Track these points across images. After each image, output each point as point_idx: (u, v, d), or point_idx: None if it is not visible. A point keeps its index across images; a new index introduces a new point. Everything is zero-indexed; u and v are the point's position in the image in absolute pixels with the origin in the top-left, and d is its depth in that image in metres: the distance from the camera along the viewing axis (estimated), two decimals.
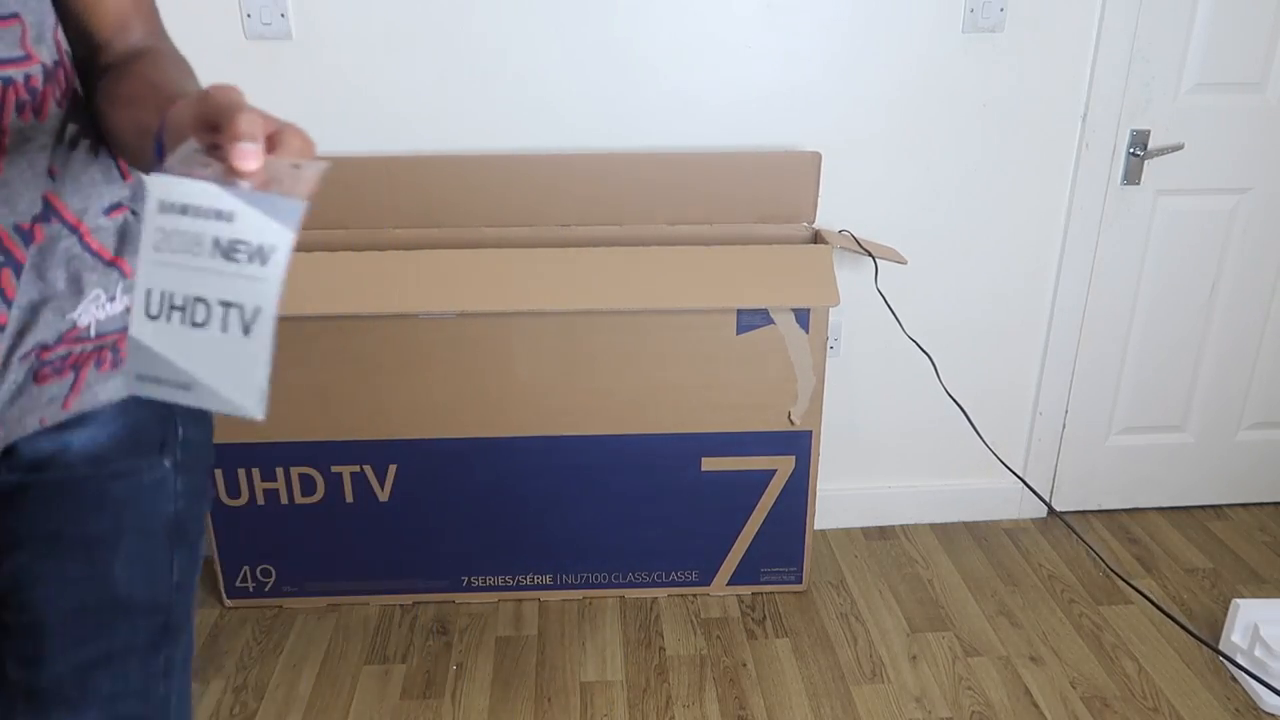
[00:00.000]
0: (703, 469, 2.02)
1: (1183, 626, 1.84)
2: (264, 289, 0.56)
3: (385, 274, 1.84)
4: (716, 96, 2.02)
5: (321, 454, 1.96)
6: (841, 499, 2.38)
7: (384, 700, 1.85)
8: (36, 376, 0.84)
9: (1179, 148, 2.13)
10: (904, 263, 2.07)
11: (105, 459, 0.90)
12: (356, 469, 1.98)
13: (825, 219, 2.12)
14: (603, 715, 1.82)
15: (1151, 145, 2.12)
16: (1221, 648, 1.95)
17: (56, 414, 0.86)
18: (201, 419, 0.99)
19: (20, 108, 0.80)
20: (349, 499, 2.00)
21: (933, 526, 2.42)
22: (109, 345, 0.88)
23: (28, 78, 0.79)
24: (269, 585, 2.08)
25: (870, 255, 2.04)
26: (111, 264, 0.88)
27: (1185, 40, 2.05)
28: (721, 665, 1.94)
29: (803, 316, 1.91)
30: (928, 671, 1.93)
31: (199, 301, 0.56)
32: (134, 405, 0.91)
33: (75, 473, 0.89)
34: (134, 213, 0.91)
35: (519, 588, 2.12)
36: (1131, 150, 2.12)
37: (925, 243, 2.17)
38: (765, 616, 2.09)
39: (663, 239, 2.05)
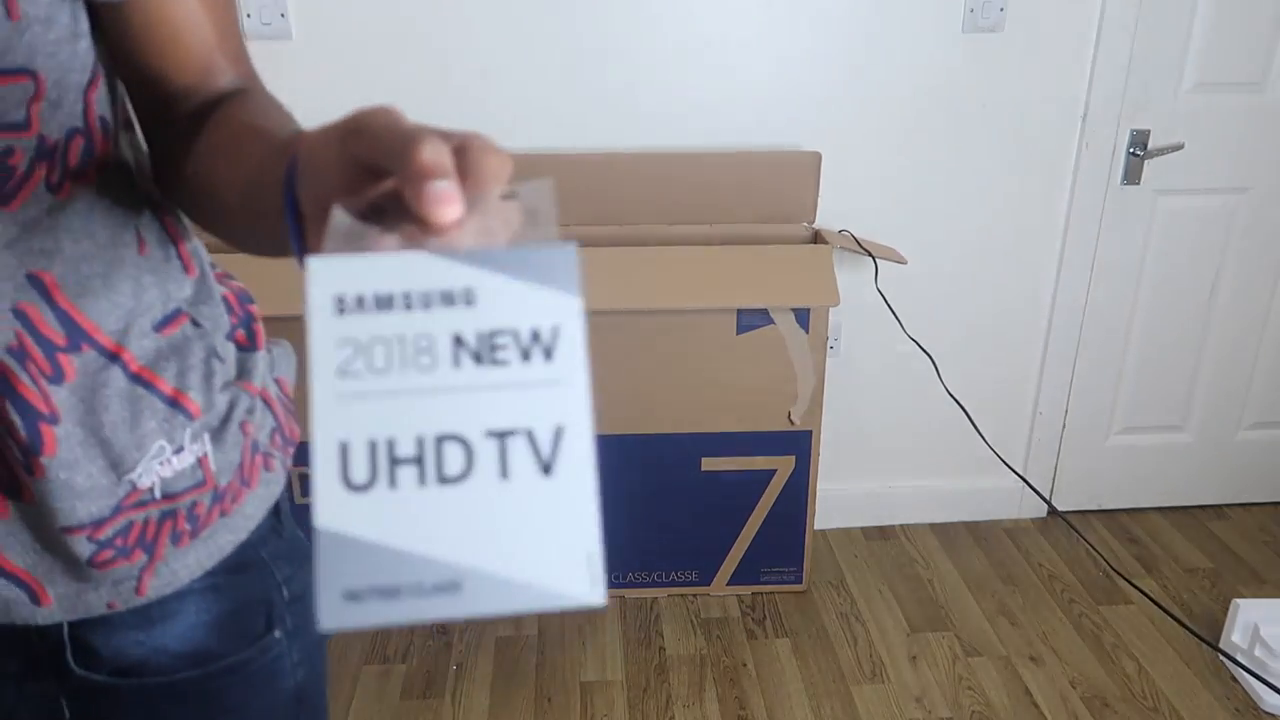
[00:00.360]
0: (703, 469, 2.02)
1: (1183, 626, 1.84)
2: (563, 395, 0.35)
3: None
4: (716, 96, 2.02)
5: None
6: (841, 499, 2.38)
7: (384, 700, 1.85)
8: (94, 561, 0.65)
9: (1179, 148, 2.13)
10: (904, 263, 2.07)
11: (209, 655, 0.73)
12: None
13: (825, 219, 2.12)
14: (603, 715, 1.82)
15: (1151, 145, 2.12)
16: (1221, 648, 1.95)
17: (129, 598, 0.68)
18: (303, 555, 0.80)
19: None
20: None
21: (933, 526, 2.42)
22: (183, 508, 0.69)
23: (8, 152, 0.58)
24: None
25: (870, 255, 2.04)
26: (173, 401, 0.67)
27: (1185, 40, 2.05)
28: (721, 665, 1.94)
29: (803, 316, 1.91)
30: (928, 671, 1.93)
31: (447, 441, 0.35)
32: (225, 573, 0.72)
33: (175, 676, 0.72)
34: (196, 322, 0.70)
35: None
36: (1131, 150, 2.12)
37: (925, 243, 2.17)
38: (765, 616, 2.09)
39: (663, 239, 2.05)
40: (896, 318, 2.20)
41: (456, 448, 0.34)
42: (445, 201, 0.36)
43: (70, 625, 0.68)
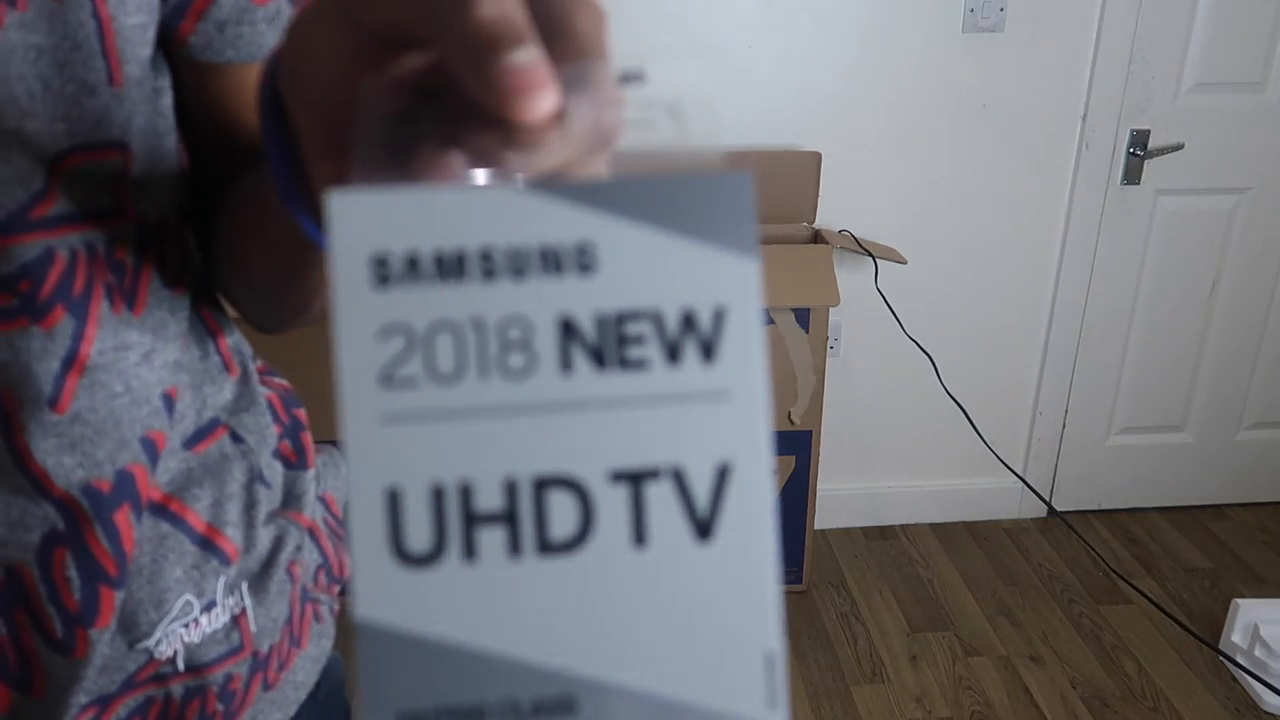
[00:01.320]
0: None
1: (1183, 626, 1.84)
2: (731, 416, 0.23)
3: None
4: (716, 96, 2.02)
5: None
6: (841, 499, 2.38)
7: None
8: None
9: (1179, 148, 2.13)
10: (904, 263, 2.07)
11: None
12: None
13: (825, 219, 2.12)
14: None
15: (1151, 145, 2.12)
16: (1221, 648, 1.95)
17: None
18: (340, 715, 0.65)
19: (109, 296, 0.47)
20: None
21: (933, 526, 2.42)
22: (214, 684, 0.53)
23: (112, 245, 0.47)
24: None
25: (870, 255, 2.04)
26: (205, 540, 0.52)
27: (1185, 40, 2.05)
28: None
29: (803, 316, 1.91)
30: (928, 671, 1.93)
31: (552, 488, 0.23)
32: None
33: None
34: (236, 436, 0.55)
35: None
36: (1131, 150, 2.12)
37: (925, 243, 2.17)
38: None
39: None
40: (896, 318, 2.20)
41: (566, 498, 0.22)
42: (528, 86, 0.22)
43: None
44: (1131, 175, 2.15)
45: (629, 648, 0.23)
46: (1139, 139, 2.12)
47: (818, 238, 2.04)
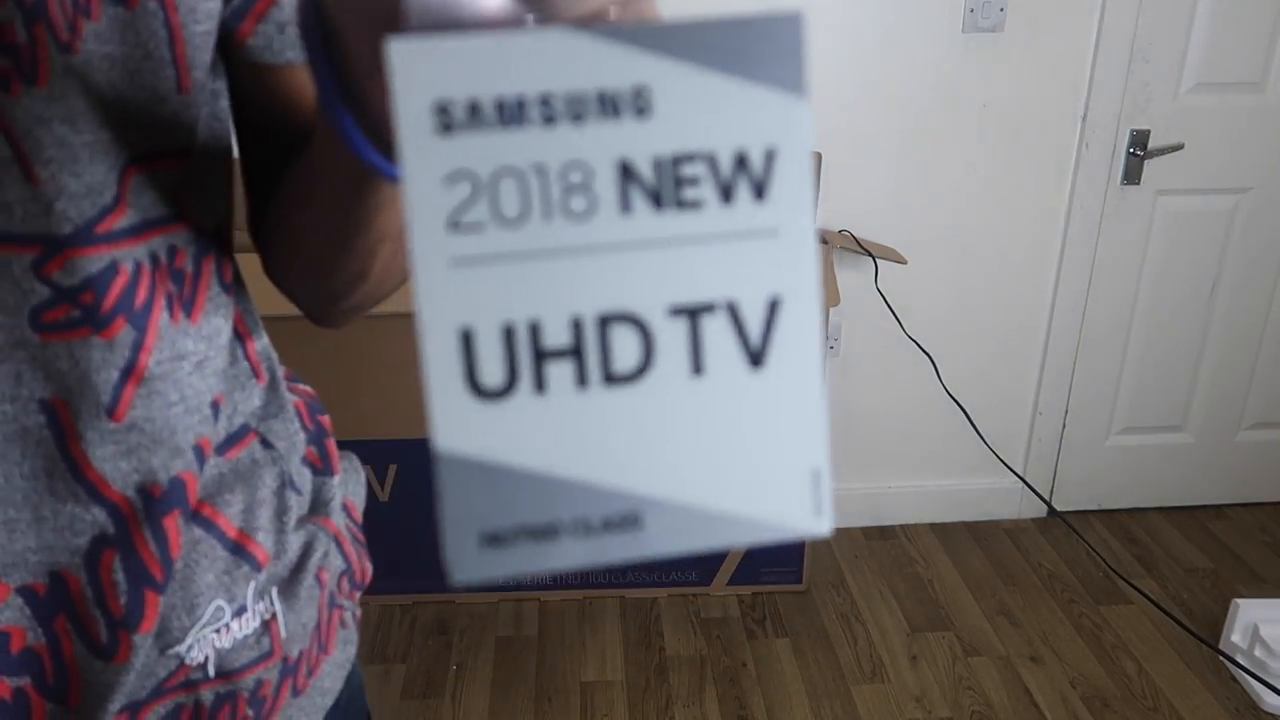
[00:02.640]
0: None
1: (1183, 626, 1.84)
2: (782, 252, 0.25)
3: None
4: None
5: None
6: (841, 499, 2.38)
7: (384, 700, 1.85)
8: None
9: (1179, 148, 2.13)
10: (904, 263, 2.07)
11: None
12: None
13: (825, 219, 2.12)
14: (603, 715, 1.82)
15: (1151, 145, 2.12)
16: (1221, 648, 1.95)
17: None
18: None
19: (169, 306, 0.48)
20: None
21: (933, 526, 2.42)
22: (245, 690, 0.53)
23: (172, 253, 0.48)
24: None
25: (870, 255, 2.04)
26: (237, 545, 0.52)
27: (1185, 40, 2.05)
28: (721, 665, 1.94)
29: None
30: (928, 671, 1.93)
31: (615, 323, 0.24)
32: None
33: None
34: (266, 442, 0.56)
35: (519, 588, 2.12)
36: (1131, 150, 2.13)
37: (925, 243, 2.17)
38: (765, 616, 2.09)
39: None
40: (896, 318, 2.20)
41: (628, 332, 0.24)
42: None
43: None
44: (1131, 175, 2.15)
45: (688, 468, 0.25)
46: (1139, 139, 2.12)
47: (818, 238, 2.04)
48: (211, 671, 0.51)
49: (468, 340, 0.24)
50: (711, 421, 0.25)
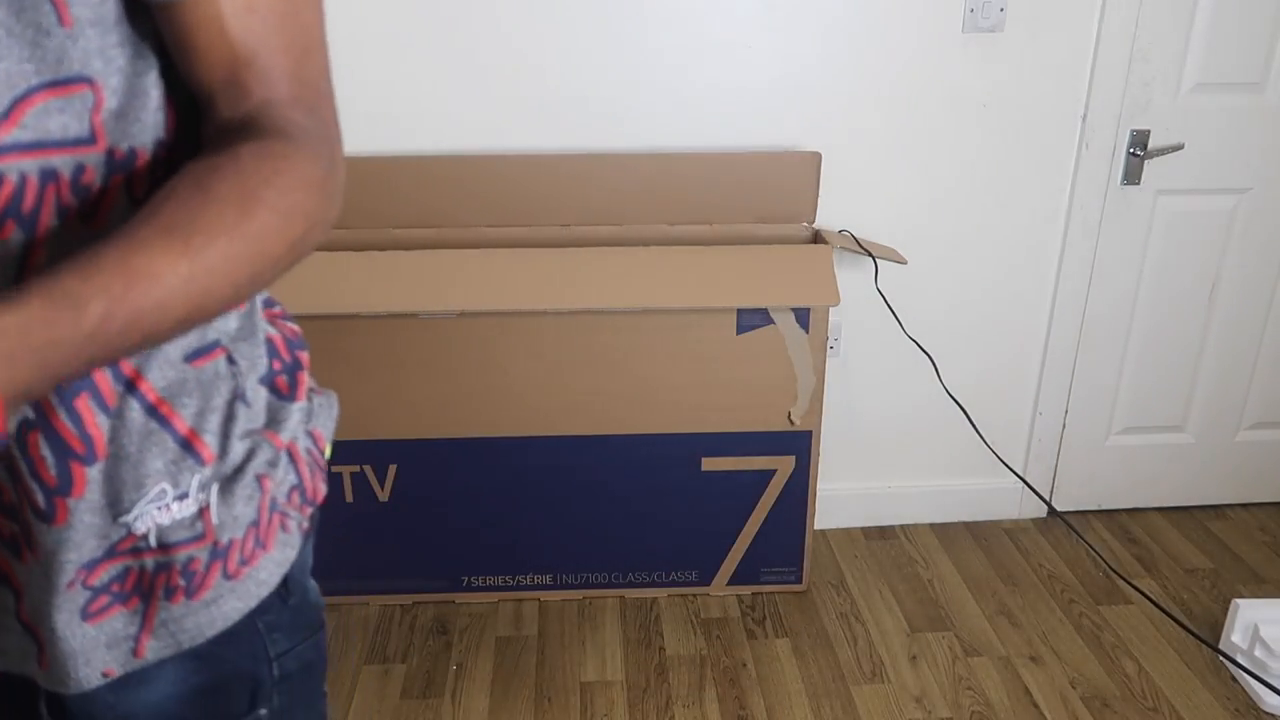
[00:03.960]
0: (703, 469, 2.02)
1: (1183, 626, 1.84)
2: None
3: (385, 274, 1.84)
4: (716, 96, 2.02)
5: None
6: (841, 499, 2.38)
7: (384, 700, 1.85)
8: (85, 612, 0.61)
9: (1179, 148, 2.13)
10: (904, 263, 2.07)
11: None
12: (356, 469, 1.98)
13: (825, 219, 2.12)
14: (603, 715, 1.82)
15: (1151, 145, 2.12)
16: (1221, 648, 1.95)
17: (127, 661, 0.63)
18: (305, 625, 0.73)
19: (63, 213, 0.55)
20: (349, 499, 2.00)
21: (933, 526, 2.42)
22: (178, 563, 0.63)
23: (79, 170, 0.54)
24: None
25: (870, 255, 2.04)
26: (186, 441, 0.61)
27: (1185, 40, 2.05)
28: (721, 665, 1.94)
29: (803, 316, 1.91)
30: (928, 671, 1.93)
31: None
32: (211, 641, 0.66)
33: None
34: (232, 359, 0.64)
35: (519, 588, 2.12)
36: (1131, 150, 2.12)
37: (925, 243, 2.17)
38: (765, 616, 2.09)
39: (663, 239, 2.05)
40: (896, 318, 2.20)
41: None
42: None
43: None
44: (1131, 175, 2.15)
45: None
46: (1139, 139, 2.12)
47: (818, 238, 2.04)
48: (153, 542, 0.61)
49: None
50: None
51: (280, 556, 0.68)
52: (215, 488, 0.63)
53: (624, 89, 2.00)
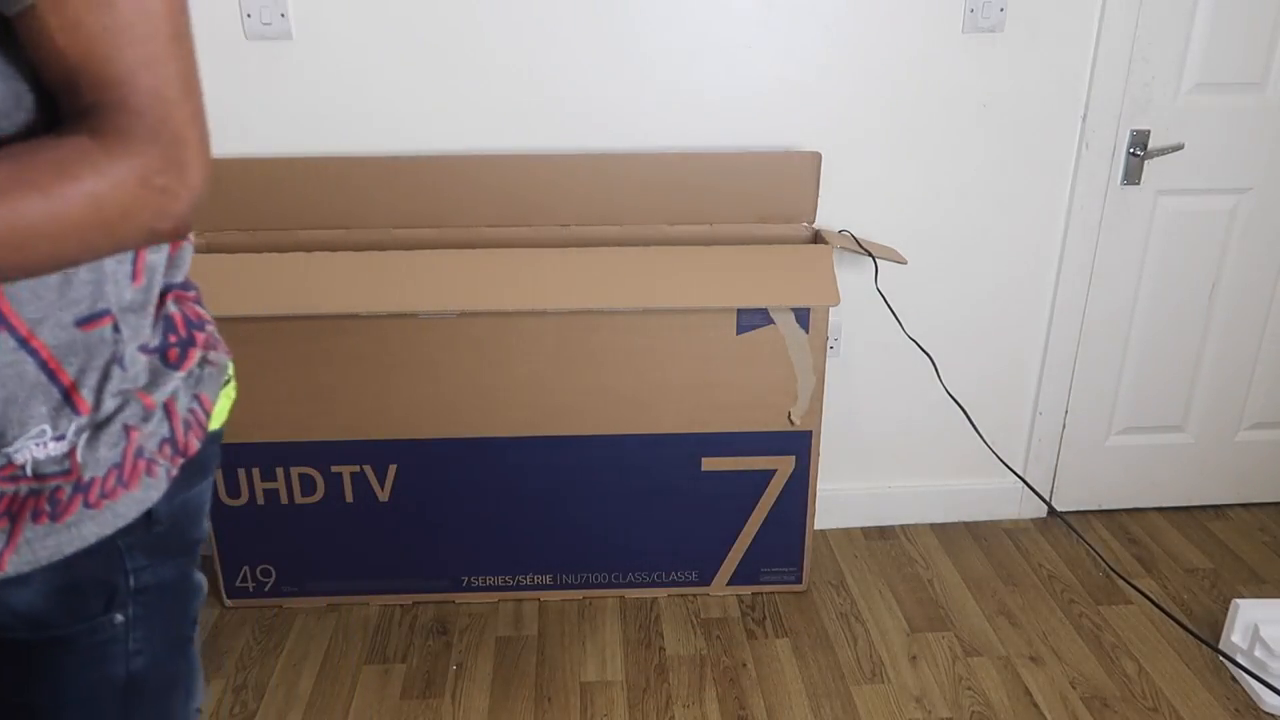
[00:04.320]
0: (703, 469, 2.02)
1: (1183, 626, 1.84)
2: None
3: (386, 274, 1.84)
4: (716, 96, 2.02)
5: (321, 454, 1.96)
6: (841, 499, 2.38)
7: (384, 700, 1.85)
8: None
9: (1179, 148, 2.13)
10: (904, 263, 2.07)
11: (43, 622, 0.79)
12: (356, 469, 1.98)
13: (825, 219, 2.12)
14: (603, 715, 1.82)
15: (1151, 145, 2.12)
16: (1221, 648, 1.95)
17: None
18: (174, 550, 0.85)
19: None
20: (349, 499, 2.00)
21: (933, 526, 2.42)
22: (46, 491, 0.74)
23: None
24: (269, 585, 2.08)
25: (870, 255, 2.04)
26: (67, 394, 0.73)
27: (1185, 40, 2.05)
28: (721, 665, 1.94)
29: (803, 316, 1.91)
30: (928, 671, 1.93)
31: None
32: (77, 556, 0.77)
33: (12, 634, 0.79)
34: (117, 328, 0.75)
35: (519, 588, 2.12)
36: (1131, 150, 2.13)
37: (925, 243, 2.17)
38: (765, 616, 2.09)
39: (663, 239, 2.05)
40: (896, 318, 2.20)
41: None
42: None
43: None
44: (1131, 175, 2.15)
45: None
46: (1139, 139, 2.12)
47: (818, 238, 2.04)
48: (29, 472, 0.73)
49: None
50: None
51: (142, 495, 0.79)
52: (86, 435, 0.75)
53: (624, 89, 2.00)
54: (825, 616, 2.09)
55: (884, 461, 2.37)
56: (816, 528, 2.40)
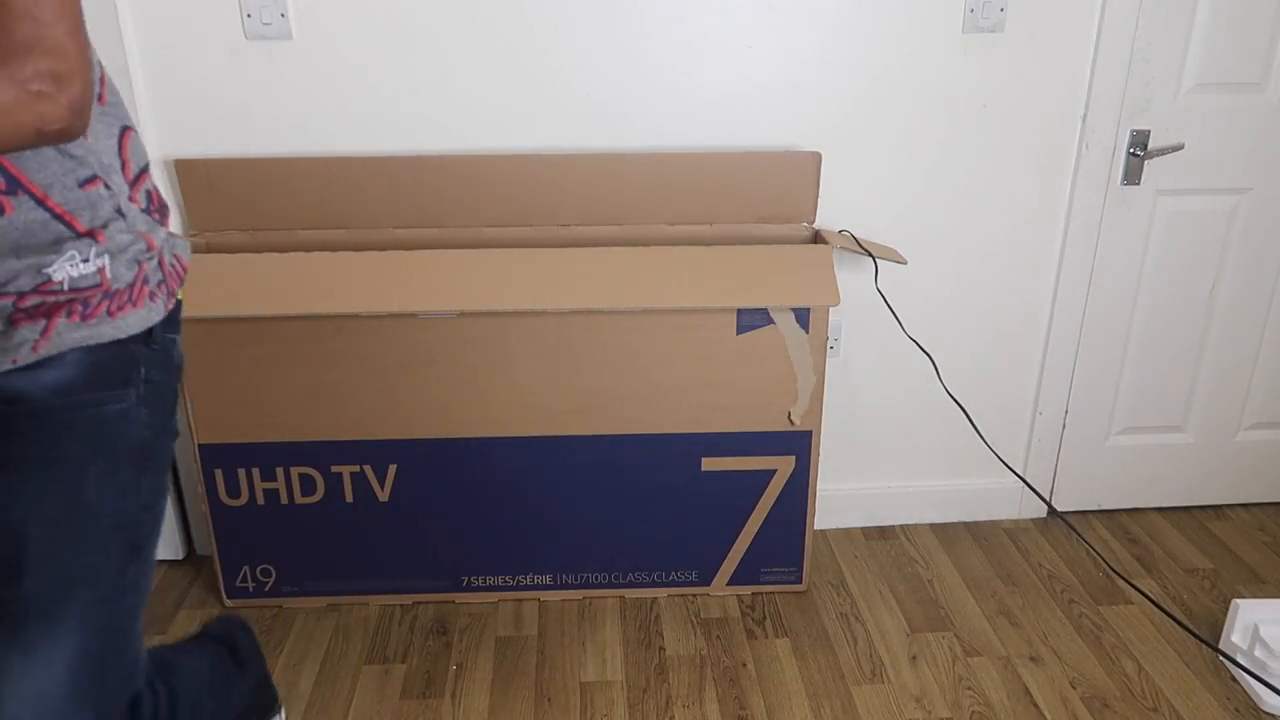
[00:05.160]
0: (703, 469, 2.02)
1: (1183, 626, 1.84)
2: None
3: (385, 274, 1.84)
4: (716, 96, 2.02)
5: (321, 454, 1.96)
6: (841, 499, 2.38)
7: (384, 700, 1.85)
8: (11, 320, 0.97)
9: (1179, 148, 2.13)
10: (904, 263, 2.07)
11: (72, 391, 1.01)
12: (356, 469, 1.98)
13: (825, 219, 2.12)
14: (603, 715, 1.82)
15: (1151, 145, 2.12)
16: (1221, 648, 1.95)
17: (27, 355, 0.99)
18: (165, 365, 1.11)
19: None
20: (349, 499, 2.00)
21: (933, 526, 2.42)
22: (79, 300, 1.00)
23: None
24: (269, 585, 2.08)
25: (870, 255, 2.04)
26: (88, 234, 0.99)
27: (1185, 40, 2.05)
28: (721, 665, 1.94)
29: (803, 316, 1.91)
30: (928, 671, 1.93)
31: None
32: (99, 349, 1.03)
33: (47, 403, 1.00)
34: (108, 186, 1.01)
35: (519, 588, 2.12)
36: (1131, 150, 2.13)
37: (925, 243, 2.17)
38: (765, 616, 2.09)
39: (663, 239, 2.05)
40: (896, 318, 2.20)
41: None
42: None
43: None
44: (1131, 175, 2.15)
45: None
46: (1139, 139, 2.12)
47: (818, 238, 2.04)
48: (66, 287, 0.99)
49: None
50: None
51: (145, 314, 1.07)
52: (108, 258, 1.01)
53: (624, 89, 2.00)
54: (825, 616, 2.09)
55: (884, 461, 2.37)
56: (816, 528, 2.40)
